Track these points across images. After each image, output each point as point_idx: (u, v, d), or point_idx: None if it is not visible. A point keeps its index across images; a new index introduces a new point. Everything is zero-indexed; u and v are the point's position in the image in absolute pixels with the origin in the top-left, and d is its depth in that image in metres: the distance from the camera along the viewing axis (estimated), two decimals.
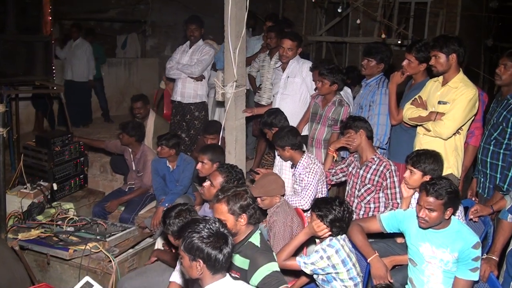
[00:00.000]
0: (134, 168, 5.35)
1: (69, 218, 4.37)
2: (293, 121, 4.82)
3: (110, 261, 3.95)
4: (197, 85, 5.99)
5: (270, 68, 5.94)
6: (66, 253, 3.93)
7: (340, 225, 3.02)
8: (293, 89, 5.09)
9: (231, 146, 4.26)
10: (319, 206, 3.06)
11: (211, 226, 2.33)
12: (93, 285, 3.04)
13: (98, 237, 4.11)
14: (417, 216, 2.91)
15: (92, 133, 7.69)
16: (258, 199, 3.62)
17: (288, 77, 5.09)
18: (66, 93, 6.20)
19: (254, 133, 6.40)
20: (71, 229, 4.27)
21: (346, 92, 5.20)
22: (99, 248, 3.99)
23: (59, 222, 4.32)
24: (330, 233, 3.04)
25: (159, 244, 4.26)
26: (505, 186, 3.66)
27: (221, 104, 5.02)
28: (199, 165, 4.15)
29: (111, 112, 9.05)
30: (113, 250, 4.09)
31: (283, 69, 5.19)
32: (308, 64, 5.11)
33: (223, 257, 2.30)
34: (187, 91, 6.00)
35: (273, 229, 3.56)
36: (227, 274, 2.40)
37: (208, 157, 4.13)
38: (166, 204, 4.41)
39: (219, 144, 4.73)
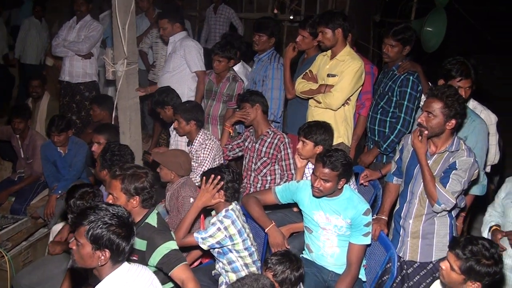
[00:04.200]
0: (22, 155, 5.04)
1: None
2: None
3: (3, 256, 3.77)
4: (85, 63, 5.74)
5: (164, 45, 5.81)
6: None
7: (233, 186, 3.07)
8: (172, 66, 4.92)
9: (125, 127, 4.11)
10: (209, 173, 3.10)
11: (121, 214, 2.21)
12: None
13: None
14: (312, 186, 3.03)
15: None
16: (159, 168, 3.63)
17: (170, 54, 4.95)
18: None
19: (149, 112, 6.24)
20: None
21: (247, 69, 5.24)
22: None
23: None
24: (220, 200, 3.07)
25: (54, 234, 4.09)
26: (384, 146, 3.97)
27: (112, 83, 4.84)
28: (95, 146, 3.98)
29: None
30: (6, 244, 3.93)
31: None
32: (189, 41, 4.90)
33: (129, 248, 2.23)
34: (76, 70, 5.74)
35: (184, 205, 3.55)
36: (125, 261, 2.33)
37: (105, 137, 3.97)
38: (59, 192, 4.27)
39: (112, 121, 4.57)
